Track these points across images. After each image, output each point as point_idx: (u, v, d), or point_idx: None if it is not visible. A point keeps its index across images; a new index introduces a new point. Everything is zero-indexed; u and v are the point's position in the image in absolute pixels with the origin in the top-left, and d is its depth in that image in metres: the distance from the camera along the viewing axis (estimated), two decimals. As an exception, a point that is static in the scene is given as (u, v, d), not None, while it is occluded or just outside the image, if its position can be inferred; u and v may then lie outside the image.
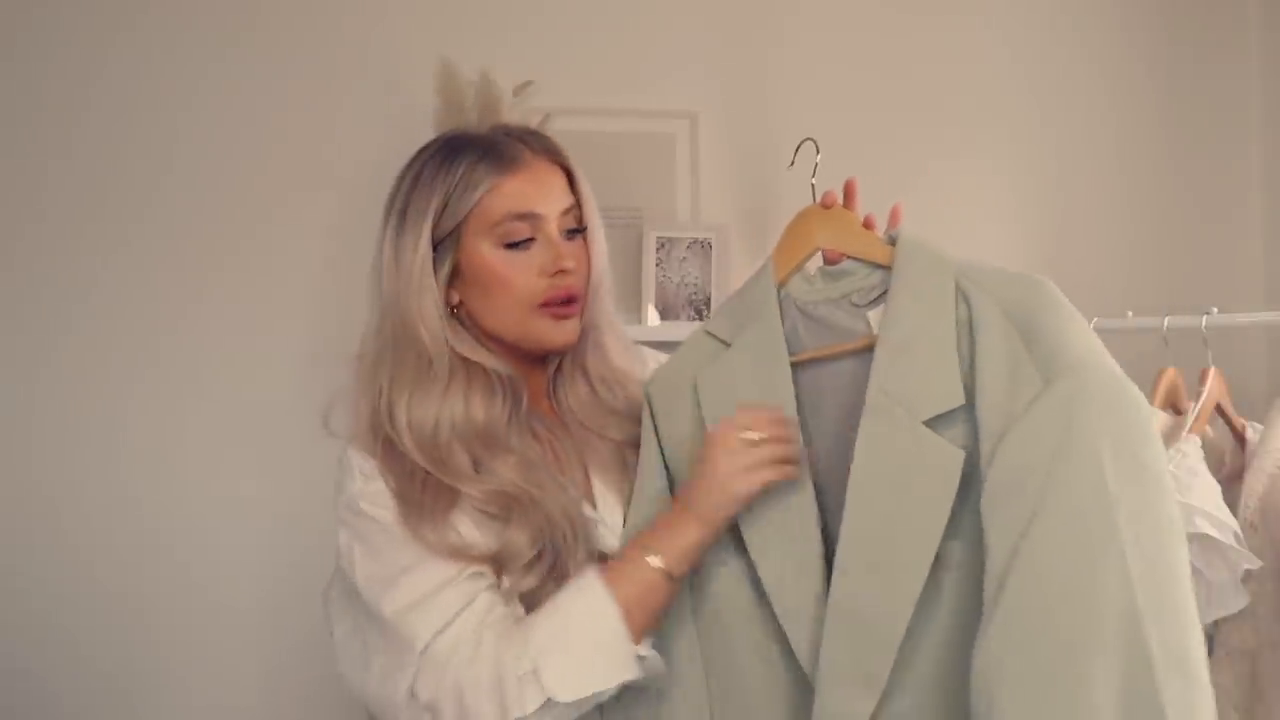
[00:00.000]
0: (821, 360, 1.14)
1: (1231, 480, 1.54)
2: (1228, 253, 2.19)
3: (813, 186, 1.23)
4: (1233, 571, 1.40)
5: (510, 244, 1.25)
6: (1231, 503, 1.45)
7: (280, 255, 1.94)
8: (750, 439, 1.10)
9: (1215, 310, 1.60)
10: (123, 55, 1.93)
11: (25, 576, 1.87)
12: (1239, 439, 1.61)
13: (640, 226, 2.00)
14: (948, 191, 2.13)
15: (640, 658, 1.12)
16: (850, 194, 1.25)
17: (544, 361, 1.33)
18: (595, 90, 2.01)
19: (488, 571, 1.18)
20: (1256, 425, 1.59)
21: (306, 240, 1.95)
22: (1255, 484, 1.49)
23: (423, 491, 1.19)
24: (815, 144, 1.28)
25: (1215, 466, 1.53)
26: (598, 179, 1.34)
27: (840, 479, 1.06)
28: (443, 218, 1.25)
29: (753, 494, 1.11)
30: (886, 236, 1.16)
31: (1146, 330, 1.64)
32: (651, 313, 1.97)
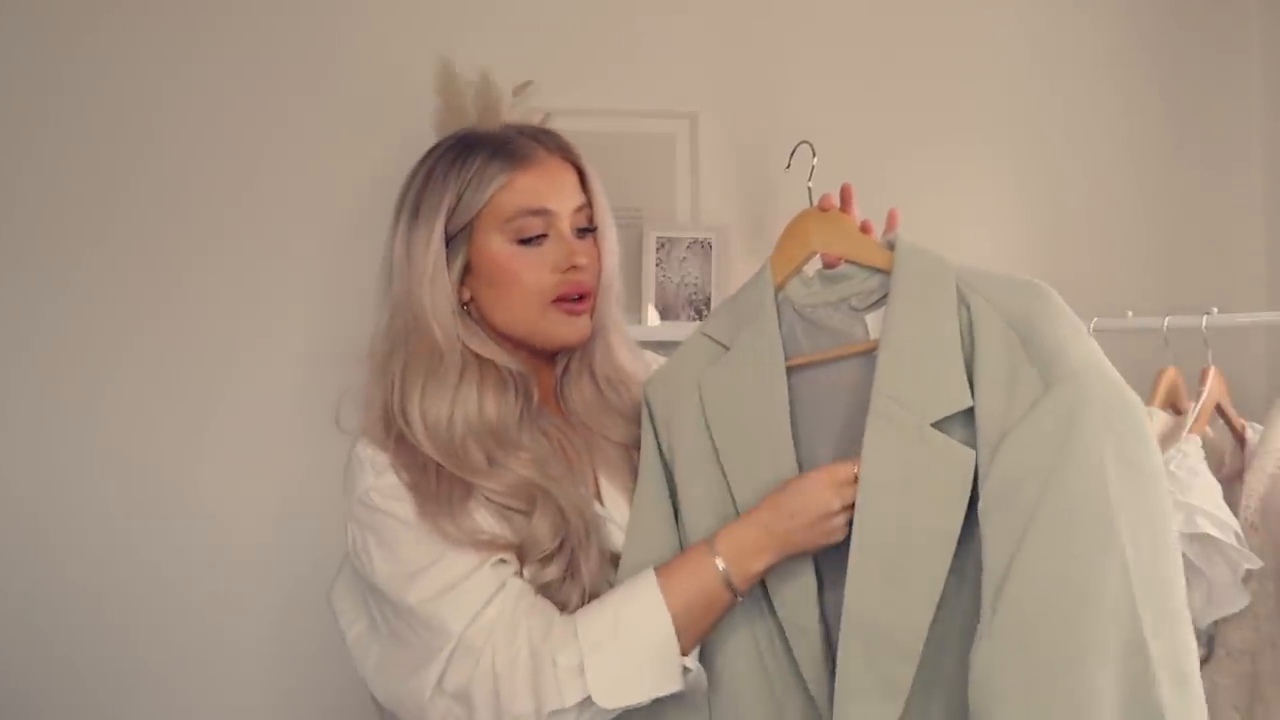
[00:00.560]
0: (819, 364, 1.14)
1: (1231, 480, 1.54)
2: (1228, 253, 2.19)
3: (809, 189, 1.23)
4: (1233, 571, 1.40)
5: (523, 240, 1.25)
6: (1232, 503, 1.45)
7: (279, 255, 1.94)
8: (847, 496, 1.05)
9: (1215, 310, 1.60)
10: (122, 54, 1.92)
11: (13, 579, 1.87)
12: (1239, 439, 1.61)
13: (640, 226, 2.00)
14: (948, 191, 2.13)
15: (686, 670, 1.10)
16: (847, 199, 1.25)
17: (551, 361, 1.34)
18: (595, 90, 2.01)
19: (512, 559, 1.17)
20: (1256, 425, 1.59)
21: (305, 240, 1.95)
22: (1256, 484, 1.49)
23: (438, 484, 1.19)
24: (811, 147, 1.28)
25: (1215, 466, 1.53)
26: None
27: None
28: (455, 214, 1.25)
29: (831, 543, 1.07)
30: (884, 241, 1.16)
31: (1146, 330, 1.64)
32: (651, 313, 1.96)
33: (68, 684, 1.87)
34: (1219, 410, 1.61)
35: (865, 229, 1.20)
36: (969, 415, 0.97)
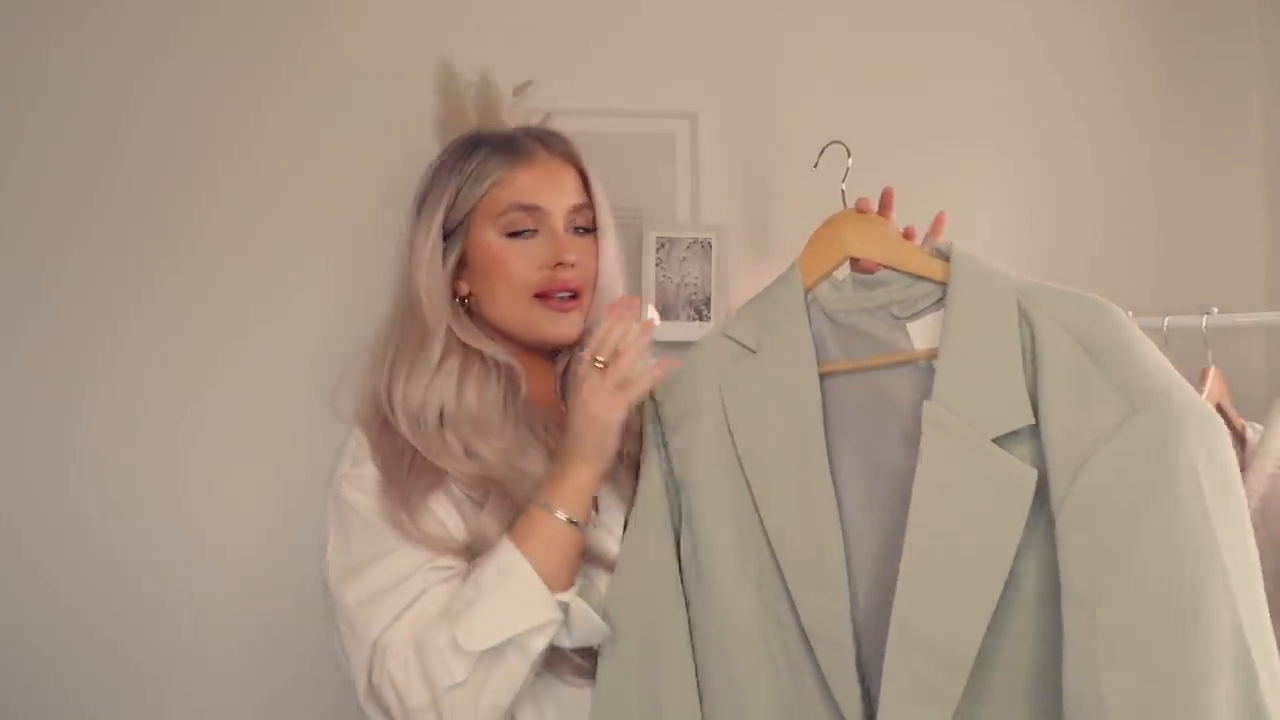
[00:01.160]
0: (856, 371, 1.10)
1: (1231, 480, 1.54)
2: (1228, 253, 2.19)
3: (843, 192, 1.21)
4: (1233, 571, 1.40)
5: (512, 233, 1.28)
6: (1231, 503, 1.45)
7: (278, 255, 1.94)
8: (599, 366, 1.14)
9: (1215, 310, 1.60)
10: (120, 54, 1.93)
11: (19, 576, 1.87)
12: (1239, 439, 1.61)
13: (640, 226, 2.00)
14: (948, 190, 2.12)
15: (562, 603, 1.13)
16: (887, 203, 1.23)
17: (552, 360, 1.35)
18: (595, 90, 2.01)
19: (457, 563, 1.18)
20: (1256, 425, 1.59)
21: (304, 240, 1.95)
22: (1256, 484, 1.49)
23: (408, 473, 1.22)
24: (846, 147, 1.27)
25: (1215, 466, 1.53)
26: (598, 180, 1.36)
27: (872, 494, 1.04)
28: (454, 207, 1.30)
29: (622, 418, 1.14)
30: (930, 248, 1.12)
31: (1146, 330, 1.63)
32: (651, 312, 1.96)
33: (47, 696, 1.86)
34: (1219, 410, 1.61)
35: (909, 235, 1.17)
36: (1029, 432, 0.95)
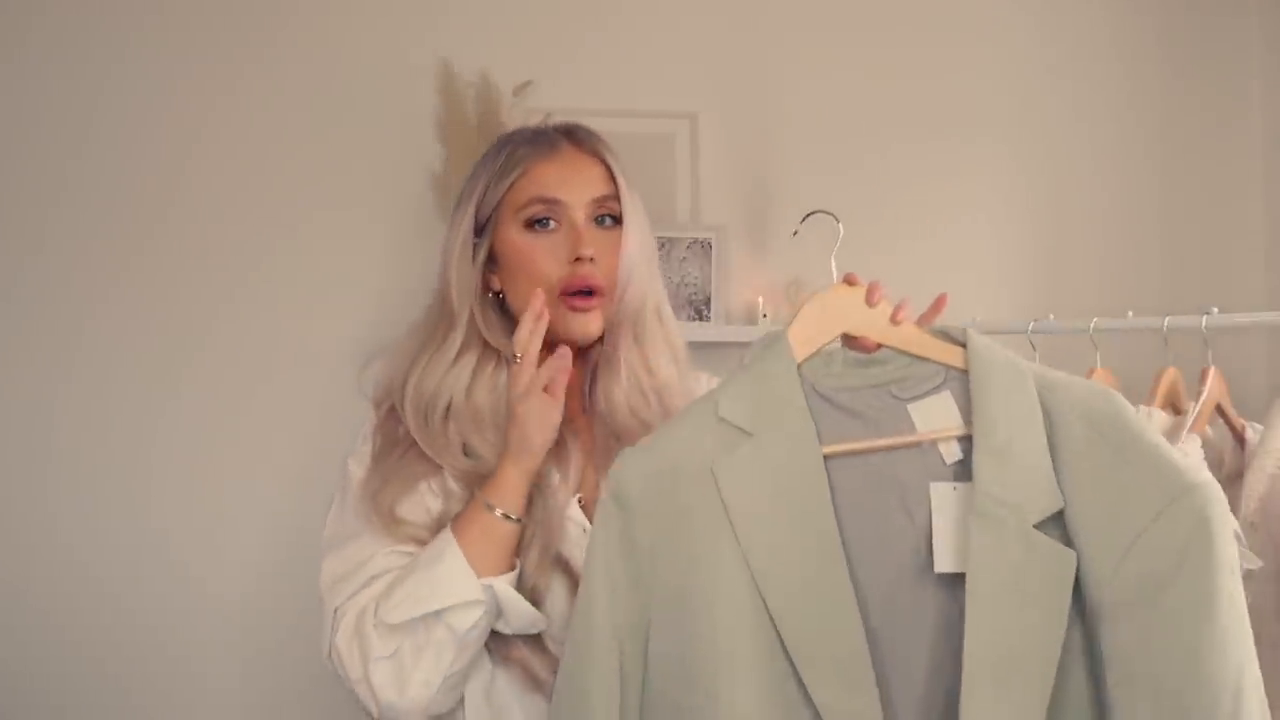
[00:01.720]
0: (858, 454, 1.07)
1: (1231, 480, 1.54)
2: (1228, 253, 2.19)
3: (834, 265, 1.16)
4: (1233, 571, 1.40)
5: (531, 223, 1.28)
6: (1231, 503, 1.44)
7: (277, 255, 1.94)
8: (552, 402, 1.19)
9: (1215, 310, 1.60)
10: (121, 58, 1.93)
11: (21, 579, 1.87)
12: (1239, 439, 1.61)
13: (640, 226, 2.00)
14: (948, 190, 2.13)
15: (486, 586, 1.15)
16: (874, 288, 1.14)
17: (582, 357, 1.32)
18: (595, 90, 2.01)
19: (419, 549, 1.21)
20: (1256, 425, 1.59)
21: (303, 240, 1.95)
22: (1255, 484, 1.49)
23: (401, 458, 1.25)
24: (834, 217, 1.22)
25: (1215, 466, 1.53)
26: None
27: (886, 584, 1.03)
28: (484, 202, 1.30)
29: (531, 408, 1.18)
30: (936, 330, 1.10)
31: (1146, 330, 1.64)
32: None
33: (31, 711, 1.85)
34: (1219, 410, 1.61)
35: (900, 310, 1.11)
36: (1057, 516, 0.99)
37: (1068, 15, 2.18)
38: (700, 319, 1.99)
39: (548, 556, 1.22)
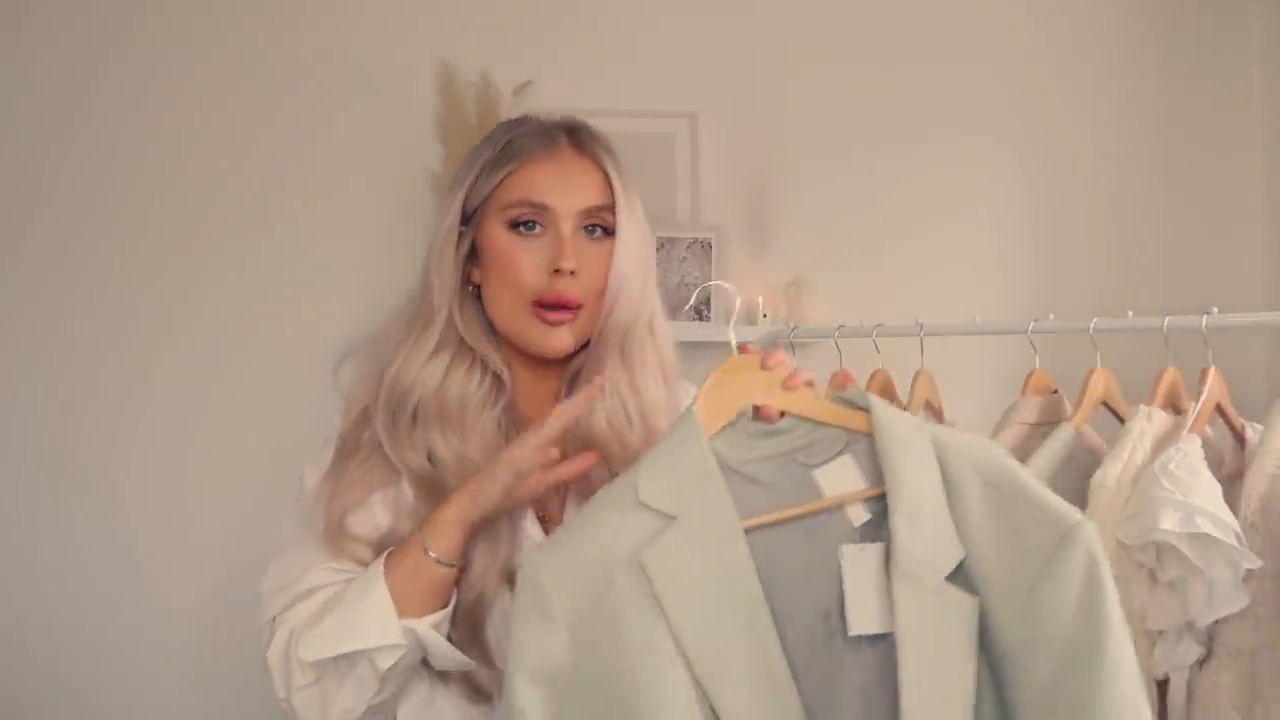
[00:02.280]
0: (773, 525, 1.07)
1: (1231, 480, 1.54)
2: (1228, 253, 2.19)
3: (731, 336, 1.14)
4: (1233, 571, 1.40)
5: (515, 224, 1.23)
6: (1231, 502, 1.45)
7: (277, 255, 1.95)
8: (547, 454, 1.14)
9: (1215, 310, 1.60)
10: (122, 56, 1.93)
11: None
12: (1239, 439, 1.61)
13: (640, 226, 2.00)
14: (948, 190, 2.13)
15: (408, 629, 1.12)
16: (769, 355, 1.13)
17: (563, 365, 1.28)
18: (595, 90, 2.01)
19: (355, 568, 1.18)
20: (1256, 425, 1.59)
21: (303, 240, 1.95)
22: (1256, 484, 1.49)
23: (361, 464, 1.21)
24: (729, 287, 1.23)
25: (1215, 466, 1.52)
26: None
27: (808, 649, 1.04)
28: (472, 193, 1.25)
29: (518, 473, 1.13)
30: (837, 398, 1.11)
31: (1146, 330, 1.64)
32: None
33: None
34: (1219, 410, 1.61)
35: (809, 381, 1.11)
36: (960, 566, 1.03)
37: (1068, 13, 2.18)
38: (700, 319, 1.99)
39: (496, 566, 1.19)
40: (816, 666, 1.04)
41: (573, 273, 1.21)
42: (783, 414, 1.11)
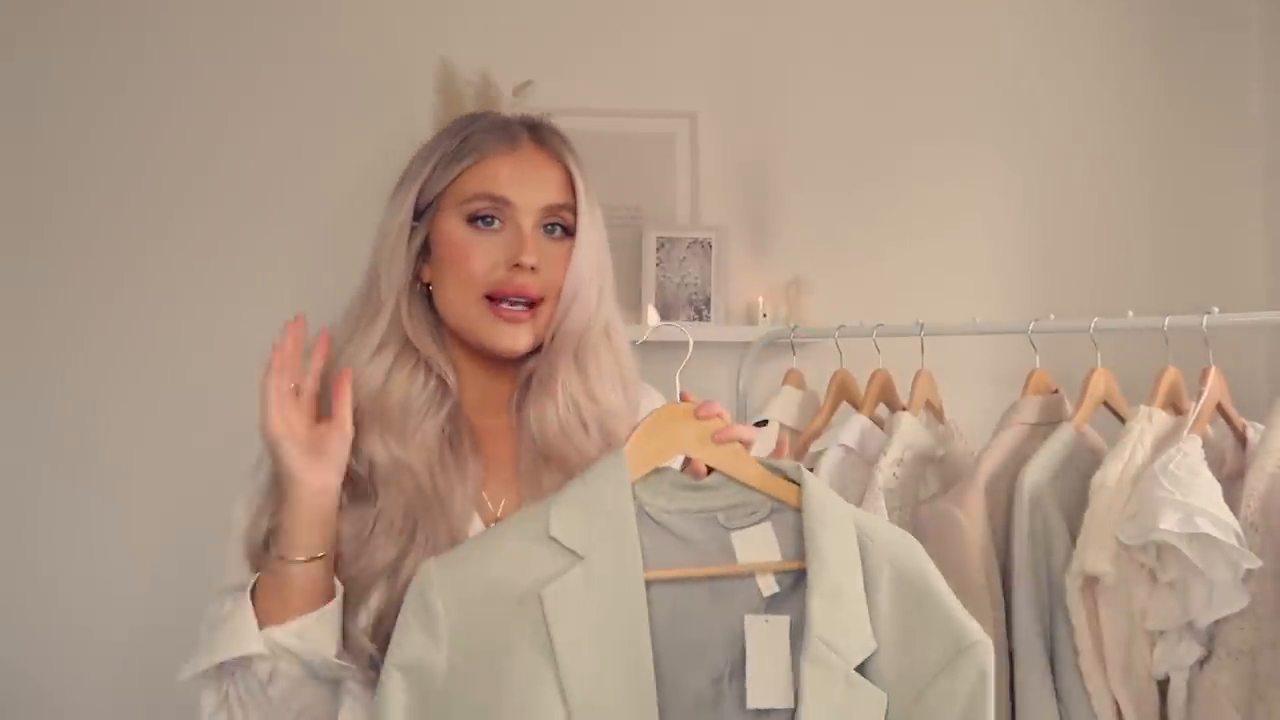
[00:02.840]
0: (680, 581, 1.06)
1: (1232, 480, 1.54)
2: (1228, 253, 2.19)
3: (678, 380, 1.11)
4: (1233, 571, 1.40)
5: (473, 219, 1.20)
6: (1232, 502, 1.45)
7: (277, 255, 1.94)
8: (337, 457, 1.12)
9: (1215, 310, 1.60)
10: (120, 54, 1.93)
11: None
12: (1239, 439, 1.61)
13: (640, 226, 2.00)
14: (948, 191, 2.13)
15: (267, 638, 1.09)
16: (705, 406, 1.11)
17: (513, 369, 1.24)
18: (595, 90, 2.01)
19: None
20: (1257, 425, 1.59)
21: (303, 240, 1.95)
22: (1256, 483, 1.49)
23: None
24: (681, 329, 1.22)
25: (1215, 466, 1.53)
26: (597, 179, 1.28)
27: (696, 712, 1.03)
28: (427, 187, 1.22)
29: (262, 421, 1.10)
30: (768, 463, 1.09)
31: (1147, 330, 1.64)
32: (652, 313, 1.96)
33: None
34: (1219, 410, 1.61)
35: (723, 432, 1.08)
36: (870, 659, 1.04)
37: (1065, 17, 2.18)
38: (700, 319, 2.00)
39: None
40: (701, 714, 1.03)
41: (534, 269, 1.18)
42: (710, 470, 1.08)
